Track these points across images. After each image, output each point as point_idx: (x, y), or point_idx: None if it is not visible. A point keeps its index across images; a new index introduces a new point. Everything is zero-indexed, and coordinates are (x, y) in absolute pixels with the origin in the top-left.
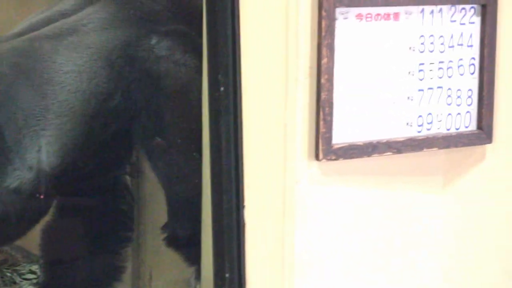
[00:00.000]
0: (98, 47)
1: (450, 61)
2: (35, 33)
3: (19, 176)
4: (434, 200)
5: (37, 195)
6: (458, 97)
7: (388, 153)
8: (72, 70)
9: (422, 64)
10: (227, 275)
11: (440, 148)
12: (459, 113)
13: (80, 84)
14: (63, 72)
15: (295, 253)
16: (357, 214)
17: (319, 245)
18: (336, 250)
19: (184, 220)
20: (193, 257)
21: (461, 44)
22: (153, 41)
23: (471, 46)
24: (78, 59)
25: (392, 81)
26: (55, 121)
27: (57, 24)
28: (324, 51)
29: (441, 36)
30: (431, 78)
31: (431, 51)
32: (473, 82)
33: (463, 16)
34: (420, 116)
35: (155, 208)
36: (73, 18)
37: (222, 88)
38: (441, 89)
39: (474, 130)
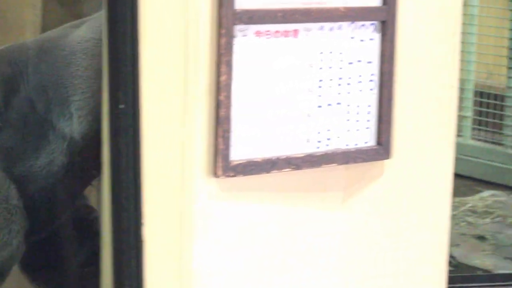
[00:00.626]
0: None
1: (349, 78)
2: (66, 24)
3: (53, 150)
4: (333, 215)
5: (69, 170)
6: (357, 113)
7: (287, 169)
8: (92, 38)
9: (321, 80)
10: None
11: (339, 164)
12: (358, 129)
13: (101, 48)
14: (84, 40)
15: (194, 270)
16: (256, 231)
17: (218, 262)
18: (235, 267)
19: None
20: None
21: (360, 61)
22: None
23: (371, 62)
24: (97, 28)
25: (291, 98)
26: (82, 85)
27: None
28: (223, 68)
29: (341, 53)
30: (330, 95)
31: (330, 68)
32: (372, 98)
33: (363, 33)
34: (319, 132)
35: None
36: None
37: (122, 105)
38: (340, 105)
39: (373, 146)
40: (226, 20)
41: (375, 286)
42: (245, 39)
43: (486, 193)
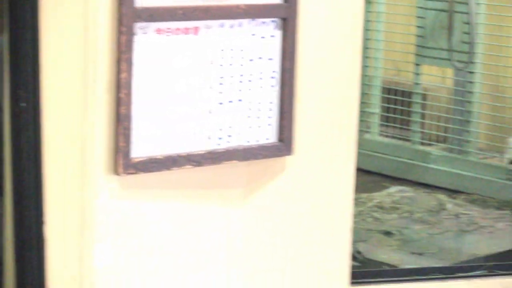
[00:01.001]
0: None
1: (251, 74)
2: None
3: None
4: (234, 212)
5: None
6: (259, 110)
7: (188, 166)
8: None
9: (222, 77)
10: None
11: (240, 160)
12: (259, 126)
13: None
14: None
15: (95, 267)
16: (157, 228)
17: (120, 260)
18: (135, 263)
19: None
20: None
21: (261, 58)
22: None
23: (272, 59)
24: None
25: (192, 95)
26: None
27: None
28: (123, 65)
29: (242, 50)
30: (232, 92)
31: (231, 65)
32: (274, 95)
33: (264, 30)
34: (220, 129)
35: None
36: None
37: (23, 104)
38: (241, 102)
39: (275, 142)
40: (127, 18)
41: (275, 281)
42: (146, 36)
43: (394, 188)
